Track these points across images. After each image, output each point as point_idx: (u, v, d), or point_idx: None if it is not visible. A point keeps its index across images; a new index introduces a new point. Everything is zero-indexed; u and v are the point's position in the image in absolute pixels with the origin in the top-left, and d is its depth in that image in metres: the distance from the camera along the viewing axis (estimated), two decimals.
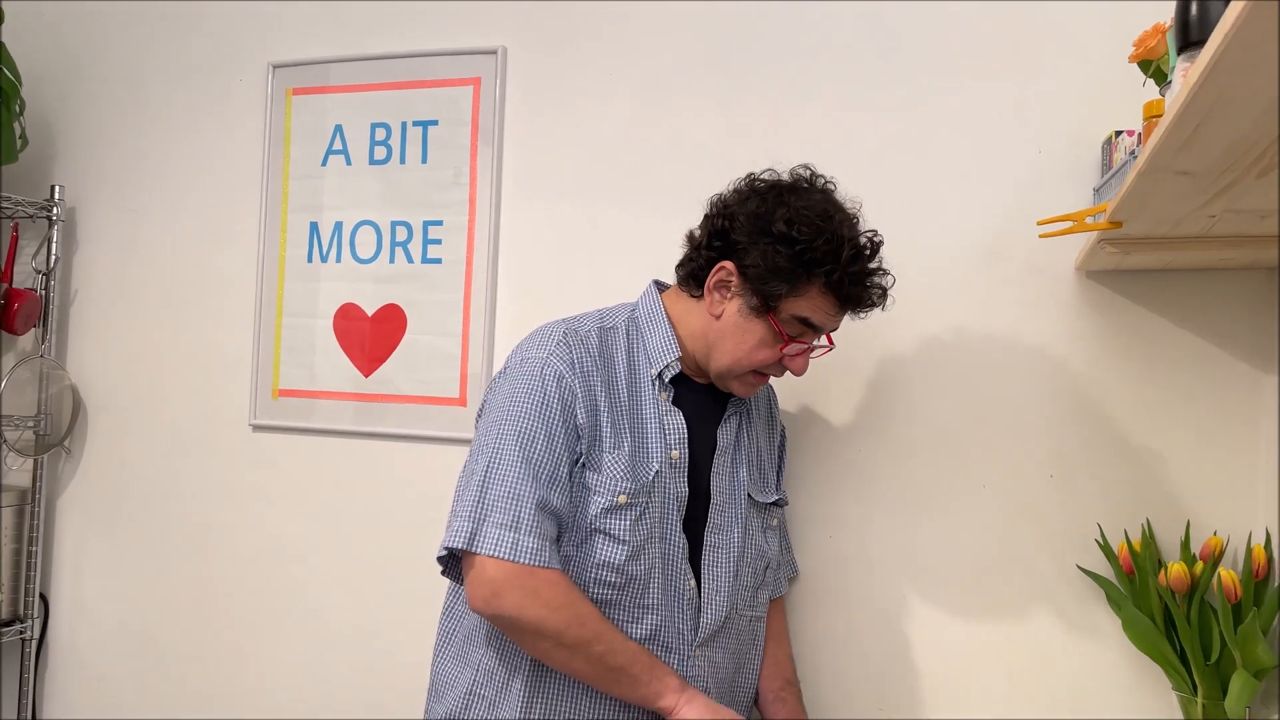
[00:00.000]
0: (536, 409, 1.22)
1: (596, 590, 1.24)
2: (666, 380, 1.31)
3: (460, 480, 1.28)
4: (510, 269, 1.82)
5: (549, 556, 1.18)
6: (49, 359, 2.07)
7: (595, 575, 1.24)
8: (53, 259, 2.06)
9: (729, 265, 1.26)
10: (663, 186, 1.72)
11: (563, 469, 1.22)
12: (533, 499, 1.18)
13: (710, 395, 1.36)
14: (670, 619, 1.28)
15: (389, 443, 1.87)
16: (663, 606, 1.27)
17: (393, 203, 1.88)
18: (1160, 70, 1.16)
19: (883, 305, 1.30)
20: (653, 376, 1.30)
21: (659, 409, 1.29)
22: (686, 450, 1.30)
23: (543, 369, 1.24)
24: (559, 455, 1.21)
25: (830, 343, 1.33)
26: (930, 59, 1.60)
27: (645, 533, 1.25)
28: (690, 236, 1.35)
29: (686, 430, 1.30)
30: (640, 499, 1.25)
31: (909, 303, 1.47)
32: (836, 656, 1.60)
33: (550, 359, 1.25)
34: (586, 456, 1.24)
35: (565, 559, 1.22)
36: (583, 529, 1.24)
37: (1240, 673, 1.27)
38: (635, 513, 1.24)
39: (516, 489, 1.18)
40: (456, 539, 1.17)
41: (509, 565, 1.15)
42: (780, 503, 1.50)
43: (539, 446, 1.21)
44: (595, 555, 1.23)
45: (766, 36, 1.68)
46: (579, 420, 1.23)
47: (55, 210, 2.06)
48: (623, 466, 1.24)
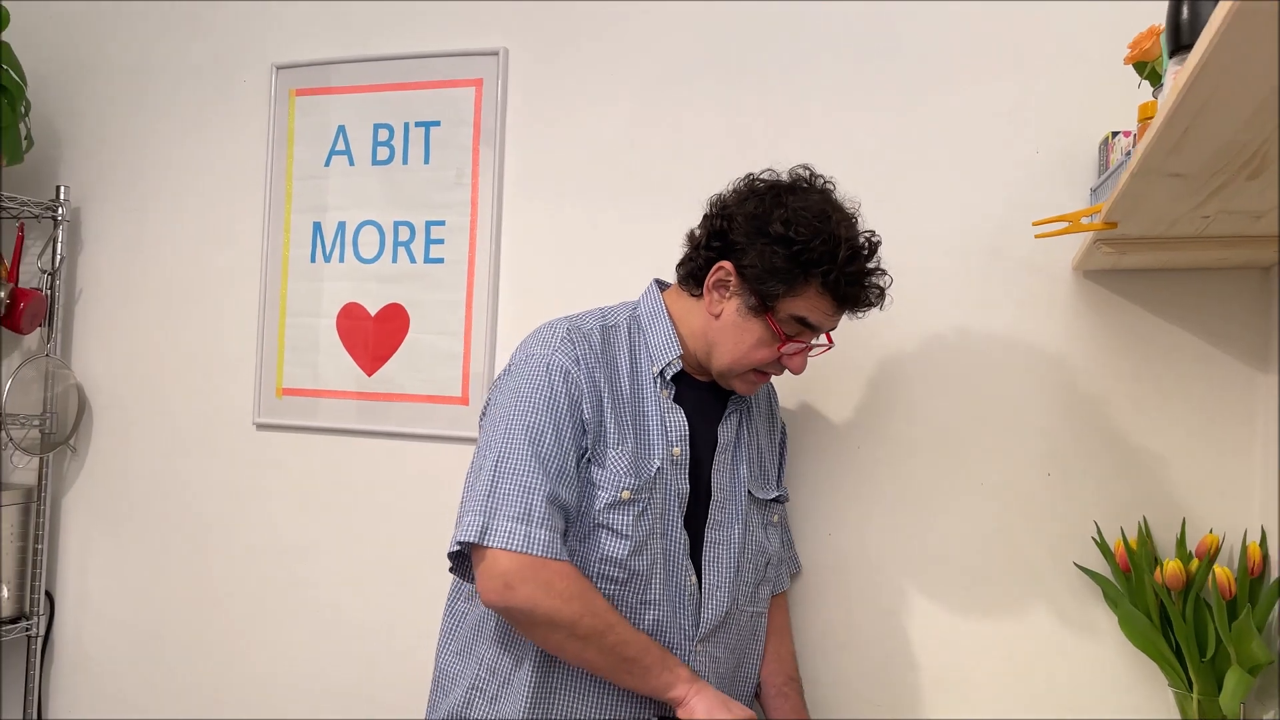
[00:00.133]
0: (544, 404, 1.22)
1: (599, 585, 1.24)
2: (668, 378, 1.31)
3: (468, 477, 1.28)
4: (512, 268, 1.83)
5: (560, 549, 1.18)
6: (54, 358, 2.08)
7: (598, 570, 1.25)
8: (58, 259, 2.08)
9: (727, 265, 1.27)
10: (663, 186, 1.72)
11: (571, 463, 1.22)
12: (544, 492, 1.18)
13: (711, 393, 1.37)
14: (672, 614, 1.29)
15: (392, 441, 1.88)
16: (664, 602, 1.28)
17: (395, 203, 1.89)
18: (1155, 72, 1.17)
19: (880, 305, 1.30)
20: (654, 374, 1.31)
21: (661, 406, 1.30)
22: (688, 447, 1.31)
23: (549, 365, 1.25)
24: (567, 449, 1.22)
25: (829, 341, 1.34)
26: (929, 60, 1.60)
27: (647, 529, 1.26)
28: (690, 236, 1.36)
29: (688, 427, 1.31)
30: (643, 495, 1.25)
31: (908, 302, 1.48)
32: (836, 653, 1.61)
33: (556, 355, 1.25)
34: (592, 452, 1.25)
35: (569, 553, 1.23)
36: (587, 523, 1.24)
37: (1235, 669, 1.27)
38: (638, 508, 1.25)
39: (527, 482, 1.18)
40: (468, 533, 1.17)
41: (521, 557, 1.15)
42: (781, 499, 1.50)
43: (548, 440, 1.21)
44: (598, 550, 1.24)
45: (766, 36, 1.69)
46: (585, 415, 1.24)
47: (60, 210, 2.07)
48: (626, 463, 1.25)
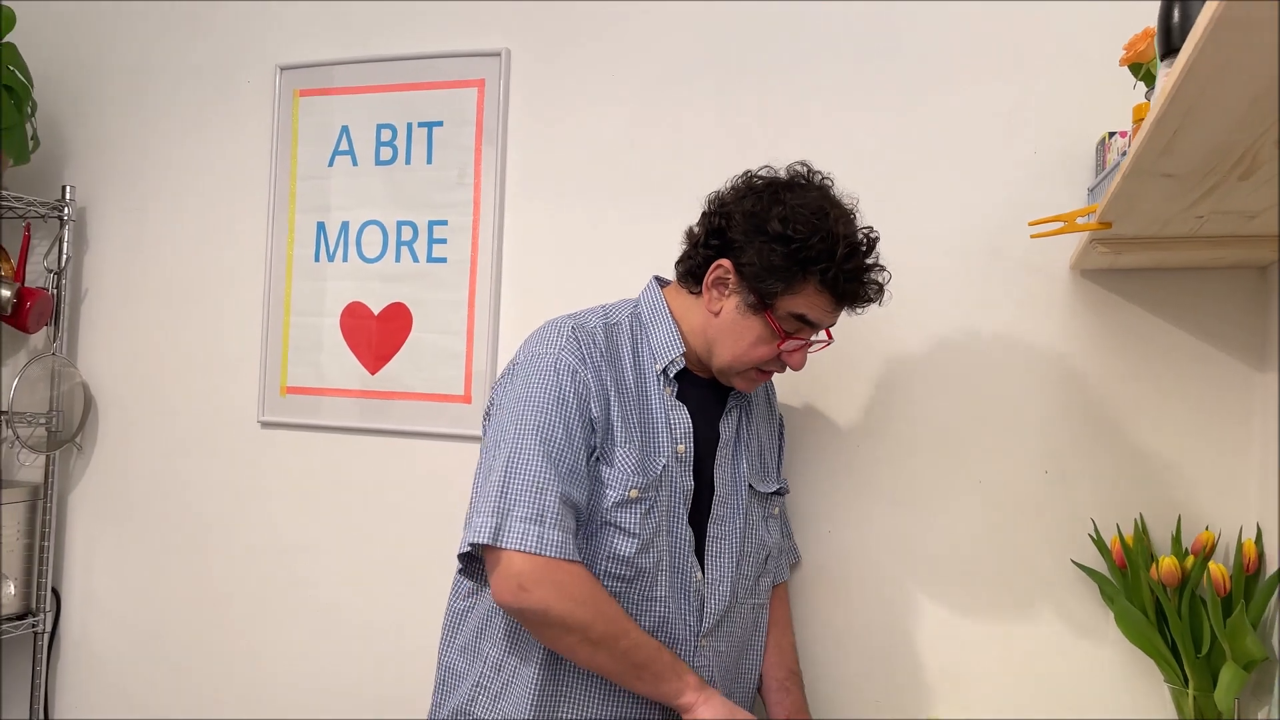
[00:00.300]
0: (553, 403, 1.22)
1: (606, 583, 1.24)
2: (671, 376, 1.32)
3: (477, 477, 1.27)
4: (514, 268, 1.84)
5: (572, 549, 1.18)
6: (61, 357, 2.09)
7: (605, 568, 1.24)
8: (64, 258, 2.09)
9: (726, 263, 1.27)
10: (663, 186, 1.73)
11: (581, 462, 1.22)
12: (556, 492, 1.17)
13: (712, 389, 1.37)
14: (677, 611, 1.29)
15: (395, 439, 1.90)
16: (670, 598, 1.28)
17: (398, 203, 1.90)
18: (1150, 73, 1.18)
19: (879, 301, 1.30)
20: (658, 372, 1.31)
21: (664, 404, 1.30)
22: (692, 444, 1.31)
23: (556, 364, 1.24)
24: (578, 448, 1.21)
25: (829, 337, 1.34)
26: (929, 60, 1.61)
27: (654, 526, 1.26)
28: (689, 233, 1.36)
29: (691, 424, 1.32)
30: (649, 493, 1.26)
31: (907, 300, 1.49)
32: (836, 649, 1.62)
33: (562, 354, 1.25)
34: (600, 450, 1.24)
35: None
36: (595, 522, 1.24)
37: (1230, 665, 1.28)
38: (645, 506, 1.25)
39: (539, 482, 1.17)
40: (480, 534, 1.16)
41: (536, 558, 1.15)
42: (781, 491, 1.50)
43: (558, 439, 1.20)
44: (605, 548, 1.24)
45: (766, 37, 1.70)
46: (593, 414, 1.24)
47: (66, 210, 2.09)
48: (633, 461, 1.25)
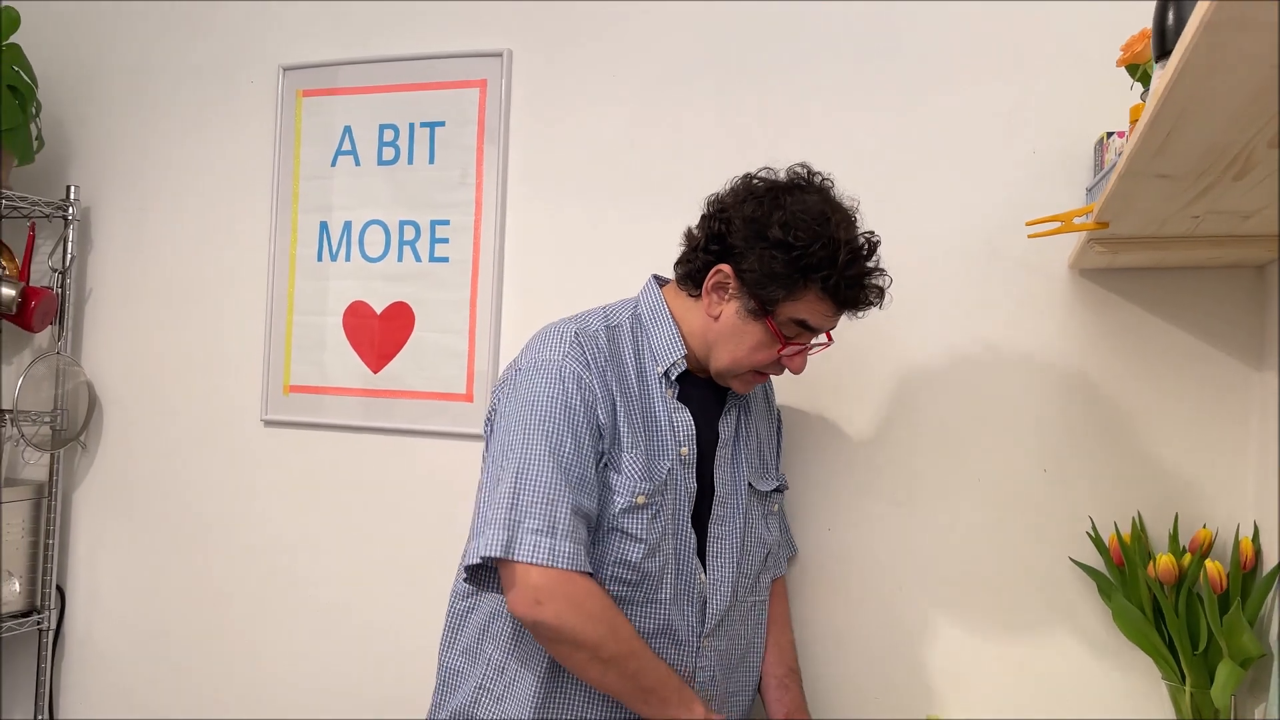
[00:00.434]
0: (561, 411, 1.20)
1: (611, 587, 1.23)
2: (673, 378, 1.31)
3: (483, 486, 1.26)
4: (515, 267, 1.85)
5: (584, 560, 1.16)
6: (65, 356, 2.10)
7: (611, 573, 1.24)
8: (68, 257, 2.10)
9: (726, 269, 1.26)
10: (663, 186, 1.74)
11: (591, 471, 1.20)
12: (567, 503, 1.16)
13: (711, 389, 1.37)
14: (680, 613, 1.28)
15: (397, 438, 1.90)
16: (674, 601, 1.28)
17: (401, 203, 1.91)
18: (1146, 74, 1.18)
19: (880, 304, 1.30)
20: (659, 374, 1.30)
21: (667, 406, 1.30)
22: (695, 446, 1.31)
23: (561, 370, 1.23)
24: (587, 457, 1.20)
25: (829, 339, 1.35)
26: (929, 60, 1.62)
27: (660, 531, 1.26)
28: (688, 235, 1.34)
29: (694, 426, 1.31)
30: (656, 498, 1.25)
31: (906, 300, 1.49)
32: (835, 647, 1.63)
33: (567, 360, 1.24)
34: (608, 456, 1.23)
35: None
36: (601, 527, 1.23)
37: (1226, 662, 1.28)
38: (652, 511, 1.25)
39: (551, 493, 1.16)
40: (491, 548, 1.14)
41: (550, 571, 1.14)
42: (780, 488, 1.50)
43: (568, 449, 1.19)
44: (612, 553, 1.23)
45: (766, 37, 1.71)
46: (600, 420, 1.22)
47: (70, 210, 2.10)
48: (640, 466, 1.24)
